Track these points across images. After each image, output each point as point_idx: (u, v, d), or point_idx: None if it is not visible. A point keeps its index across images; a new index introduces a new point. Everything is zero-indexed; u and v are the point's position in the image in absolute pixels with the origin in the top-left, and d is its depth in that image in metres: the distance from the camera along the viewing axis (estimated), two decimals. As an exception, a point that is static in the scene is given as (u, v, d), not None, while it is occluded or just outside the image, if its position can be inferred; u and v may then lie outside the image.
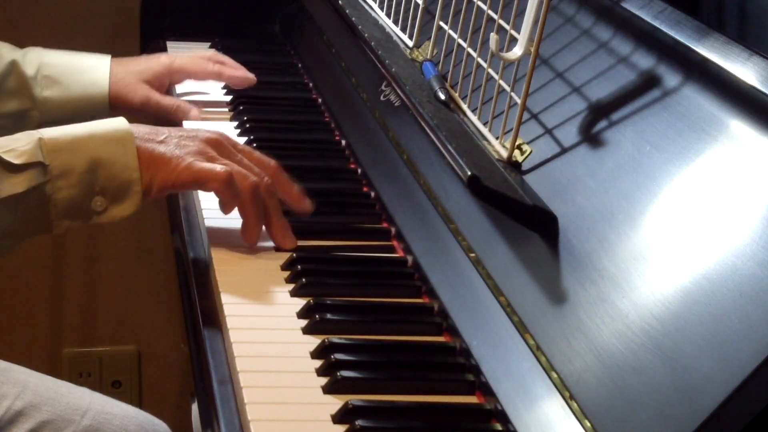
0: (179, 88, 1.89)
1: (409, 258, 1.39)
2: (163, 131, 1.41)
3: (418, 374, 1.20)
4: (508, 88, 1.29)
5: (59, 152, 1.34)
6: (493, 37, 1.27)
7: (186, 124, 1.78)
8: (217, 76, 1.85)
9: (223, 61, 1.87)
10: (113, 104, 1.80)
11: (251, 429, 1.09)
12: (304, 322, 1.26)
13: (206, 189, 1.40)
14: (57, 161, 1.34)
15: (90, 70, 1.80)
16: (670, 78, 1.19)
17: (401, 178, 1.50)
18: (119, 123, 1.39)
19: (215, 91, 1.92)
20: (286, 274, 1.36)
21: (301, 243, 1.43)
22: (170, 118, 1.81)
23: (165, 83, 1.84)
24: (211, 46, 2.12)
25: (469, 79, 1.41)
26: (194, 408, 1.27)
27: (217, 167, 1.38)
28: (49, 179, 1.33)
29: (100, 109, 1.80)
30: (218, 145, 1.42)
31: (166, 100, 1.81)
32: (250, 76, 1.85)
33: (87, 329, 2.55)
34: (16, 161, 1.32)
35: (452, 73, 1.46)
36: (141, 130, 1.39)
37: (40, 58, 1.79)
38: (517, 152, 1.30)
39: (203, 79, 1.86)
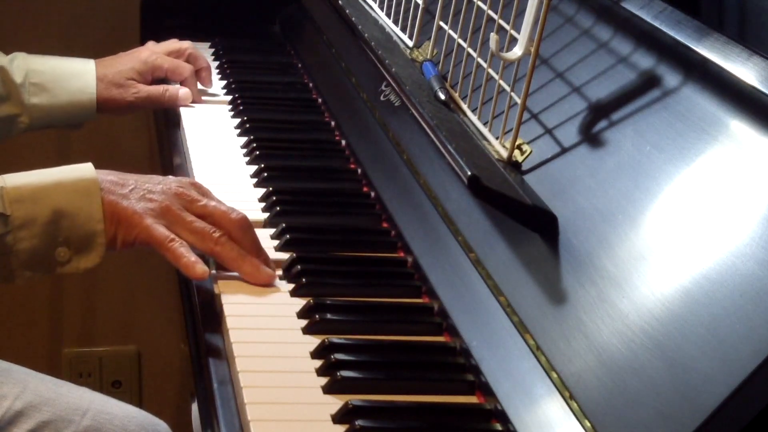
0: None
1: (409, 258, 1.39)
2: (130, 181, 1.36)
3: (418, 374, 1.19)
4: (508, 88, 1.29)
5: (22, 203, 1.31)
6: (493, 37, 1.27)
7: (184, 113, 1.79)
8: (186, 83, 1.87)
9: (195, 57, 1.90)
10: (102, 107, 1.83)
11: (251, 429, 1.09)
12: (304, 322, 1.26)
13: (161, 253, 1.35)
14: (19, 212, 1.31)
15: (76, 76, 1.82)
16: (670, 78, 1.19)
17: (401, 178, 1.50)
18: (85, 171, 1.35)
19: (215, 91, 1.92)
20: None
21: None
22: (162, 105, 1.86)
23: (148, 79, 1.87)
24: (211, 46, 2.12)
25: (469, 79, 1.41)
26: (194, 408, 1.26)
27: (167, 237, 1.33)
28: (11, 230, 1.30)
29: (88, 113, 1.83)
30: (185, 199, 1.36)
31: (155, 89, 1.85)
32: (198, 96, 1.87)
33: (87, 329, 2.55)
34: None
35: (452, 73, 1.46)
36: (107, 179, 1.35)
37: (27, 65, 1.80)
38: (517, 152, 1.30)
39: (177, 81, 1.88)
